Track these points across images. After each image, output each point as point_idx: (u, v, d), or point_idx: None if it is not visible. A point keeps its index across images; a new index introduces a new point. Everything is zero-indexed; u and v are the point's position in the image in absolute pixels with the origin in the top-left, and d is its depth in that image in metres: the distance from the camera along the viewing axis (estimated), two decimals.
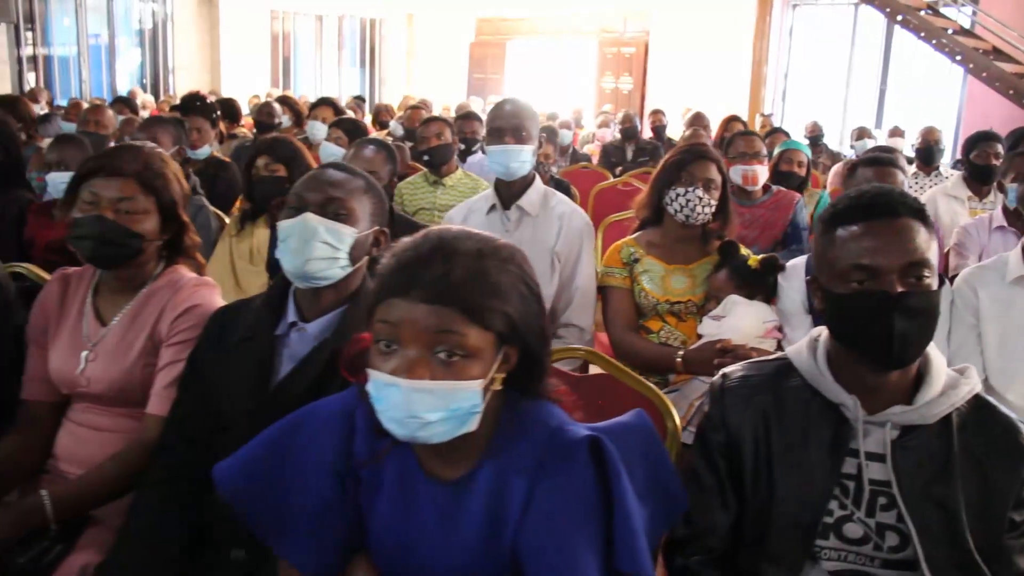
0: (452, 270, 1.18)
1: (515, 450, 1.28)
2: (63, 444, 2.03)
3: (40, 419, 2.05)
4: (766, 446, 1.51)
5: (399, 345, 1.19)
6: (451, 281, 1.17)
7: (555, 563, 1.21)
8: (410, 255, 1.21)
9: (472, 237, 1.25)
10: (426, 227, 1.34)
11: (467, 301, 1.17)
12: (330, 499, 1.34)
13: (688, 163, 2.84)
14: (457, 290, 1.17)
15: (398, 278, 1.20)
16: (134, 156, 1.99)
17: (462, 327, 1.17)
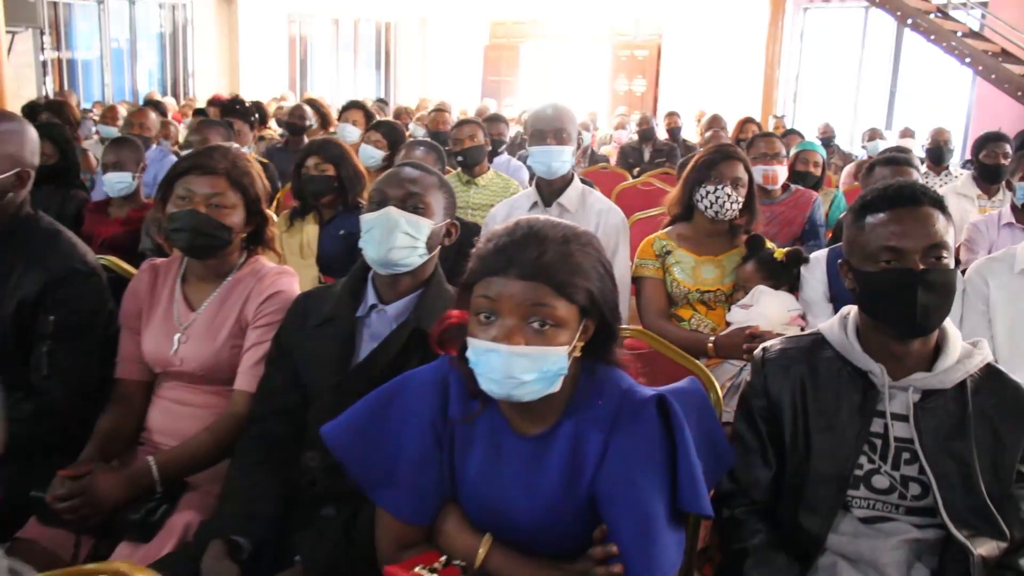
0: (544, 252, 1.39)
1: (591, 409, 1.48)
2: (155, 419, 2.23)
3: (132, 396, 2.25)
4: (803, 409, 1.71)
5: (497, 316, 1.39)
6: (543, 262, 1.38)
7: (630, 504, 1.41)
8: (506, 240, 1.42)
9: (558, 226, 1.45)
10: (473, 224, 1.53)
11: (557, 278, 1.38)
12: (427, 454, 1.54)
13: (717, 163, 3.04)
14: (548, 269, 1.38)
15: (497, 259, 1.40)
16: (223, 156, 2.19)
17: (552, 300, 1.38)
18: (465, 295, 1.47)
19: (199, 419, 2.15)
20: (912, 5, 9.10)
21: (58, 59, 13.40)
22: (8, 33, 10.76)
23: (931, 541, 1.64)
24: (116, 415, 2.21)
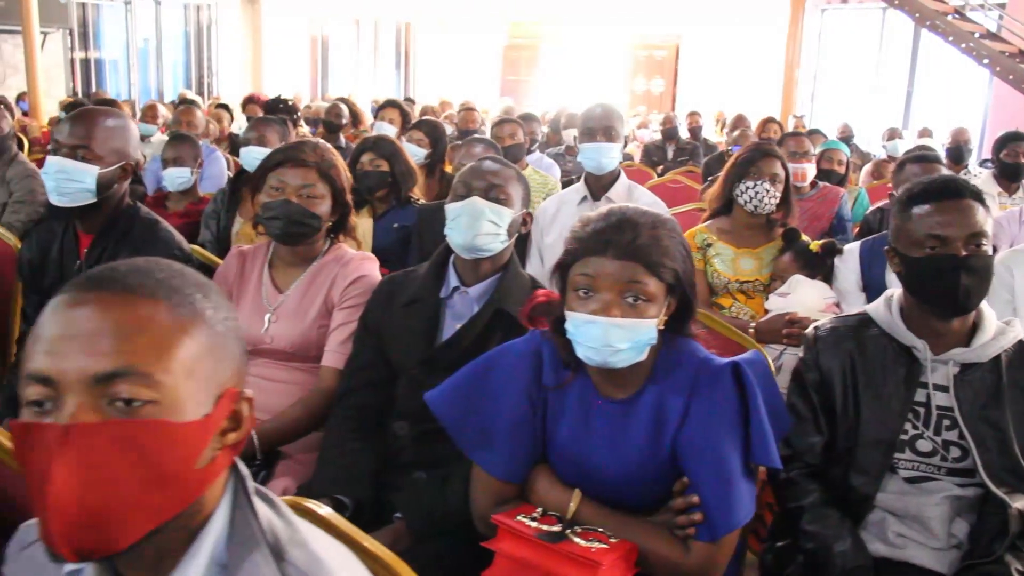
0: (638, 236, 1.58)
1: (672, 375, 1.67)
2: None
3: None
4: (852, 381, 1.90)
5: (595, 292, 1.58)
6: (637, 244, 1.57)
7: (710, 459, 1.59)
8: (603, 225, 1.61)
9: (647, 213, 1.64)
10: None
11: (649, 259, 1.57)
12: (522, 419, 1.73)
13: (757, 160, 3.22)
14: (642, 250, 1.57)
15: (595, 242, 1.59)
16: (312, 149, 2.38)
17: (644, 278, 1.57)
18: (562, 274, 1.66)
19: (287, 394, 2.33)
20: (930, 7, 9.26)
21: (86, 59, 13.66)
22: (40, 34, 11.02)
23: (971, 498, 1.82)
24: None
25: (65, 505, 0.82)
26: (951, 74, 12.40)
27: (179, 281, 0.93)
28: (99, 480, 0.83)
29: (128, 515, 0.85)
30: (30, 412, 0.87)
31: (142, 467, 0.85)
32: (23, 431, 0.85)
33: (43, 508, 0.83)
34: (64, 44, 13.06)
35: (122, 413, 0.85)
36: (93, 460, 0.83)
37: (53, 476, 0.81)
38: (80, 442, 0.83)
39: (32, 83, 10.73)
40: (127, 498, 0.85)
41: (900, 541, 1.82)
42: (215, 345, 0.93)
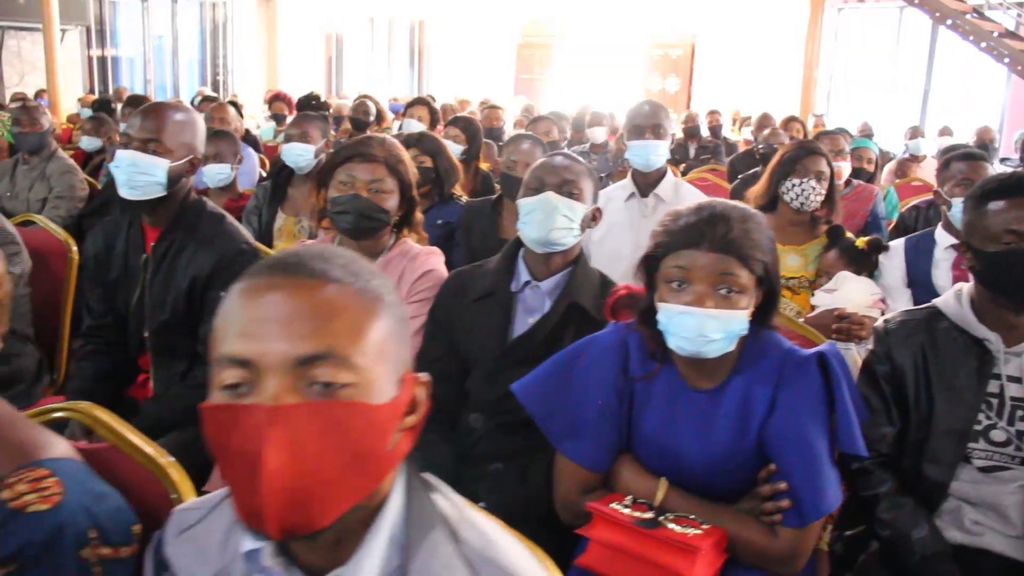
0: (731, 230, 1.61)
1: (758, 366, 1.71)
2: None
3: None
4: (924, 373, 1.93)
5: (689, 284, 1.62)
6: (731, 237, 1.61)
7: (799, 447, 1.63)
8: (695, 219, 1.64)
9: (737, 207, 1.68)
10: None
11: (741, 251, 1.61)
12: (609, 408, 1.76)
13: (802, 157, 3.26)
14: (734, 243, 1.60)
15: (689, 234, 1.63)
16: (380, 144, 2.42)
17: (737, 270, 1.61)
18: (650, 266, 1.70)
19: None
20: (951, 6, 9.28)
21: (102, 56, 13.72)
22: (59, 31, 11.08)
23: None
24: None
25: (277, 484, 0.85)
26: (968, 73, 12.42)
27: (356, 266, 0.96)
28: (306, 459, 0.86)
29: (331, 494, 0.88)
30: (225, 395, 0.89)
31: (343, 447, 0.88)
32: (224, 412, 0.88)
33: (252, 487, 0.85)
34: (81, 41, 13.12)
35: (321, 395, 0.88)
36: (300, 440, 0.86)
37: (265, 455, 0.84)
38: (288, 422, 0.86)
39: (52, 80, 10.79)
40: (330, 477, 0.88)
41: (977, 528, 1.86)
42: (396, 328, 0.97)
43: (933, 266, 3.15)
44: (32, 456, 1.11)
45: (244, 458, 0.86)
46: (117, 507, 1.15)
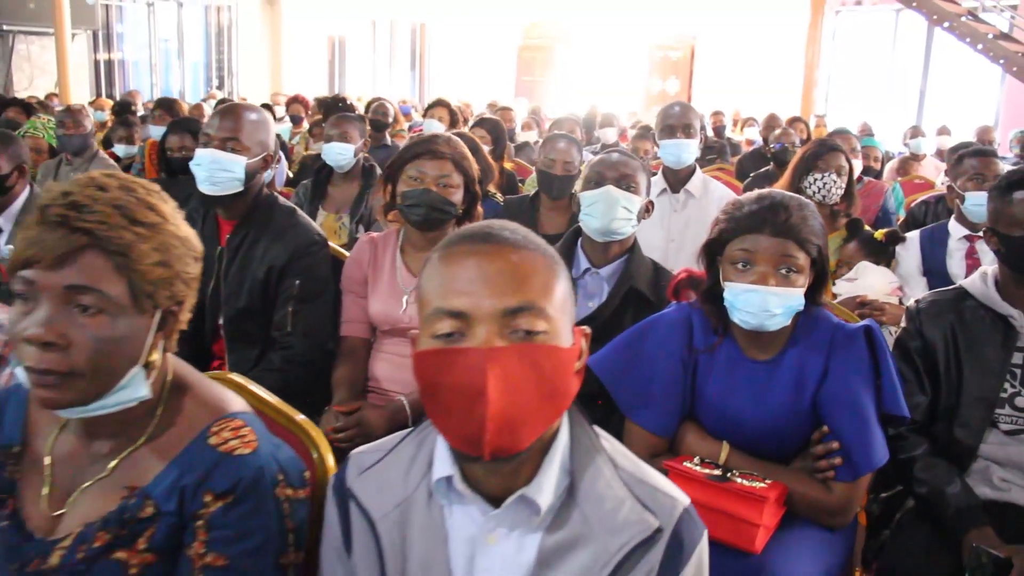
0: (791, 216, 1.81)
1: (811, 338, 1.91)
2: (382, 370, 2.60)
3: (358, 351, 2.63)
4: (954, 347, 2.14)
5: (753, 265, 1.82)
6: (791, 223, 1.81)
7: (850, 409, 1.84)
8: (757, 207, 1.84)
9: (794, 197, 1.87)
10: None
11: (800, 235, 1.81)
12: (675, 378, 1.96)
13: (823, 154, 3.48)
14: (793, 228, 1.81)
15: (752, 221, 1.83)
16: (446, 142, 2.61)
17: (796, 252, 1.81)
18: (714, 250, 1.91)
19: None
20: (947, 9, 9.52)
21: (109, 59, 13.88)
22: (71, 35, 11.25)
23: None
24: (348, 367, 2.57)
25: (494, 411, 1.04)
26: (963, 74, 12.69)
27: (534, 237, 1.16)
28: (514, 391, 1.06)
29: (531, 420, 1.09)
30: (439, 342, 1.09)
31: (540, 382, 1.08)
32: (443, 355, 1.08)
33: (472, 415, 1.05)
34: (88, 45, 13.28)
35: (523, 340, 1.08)
36: (510, 375, 1.06)
37: (486, 387, 1.04)
38: (502, 361, 1.05)
39: (63, 84, 10.95)
40: (531, 407, 1.08)
41: (1004, 485, 2.07)
42: (569, 288, 1.17)
43: (947, 256, 3.37)
44: (226, 410, 1.30)
45: (464, 392, 1.05)
46: (291, 455, 1.34)
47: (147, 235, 1.19)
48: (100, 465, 1.25)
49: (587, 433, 1.20)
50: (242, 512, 1.21)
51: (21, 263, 1.14)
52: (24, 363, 1.14)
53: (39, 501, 1.26)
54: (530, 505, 1.14)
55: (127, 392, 1.20)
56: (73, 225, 1.14)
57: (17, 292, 1.16)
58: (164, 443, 1.25)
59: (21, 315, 1.15)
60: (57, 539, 1.22)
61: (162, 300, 1.22)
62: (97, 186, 1.19)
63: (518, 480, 1.15)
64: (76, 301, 1.15)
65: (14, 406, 1.34)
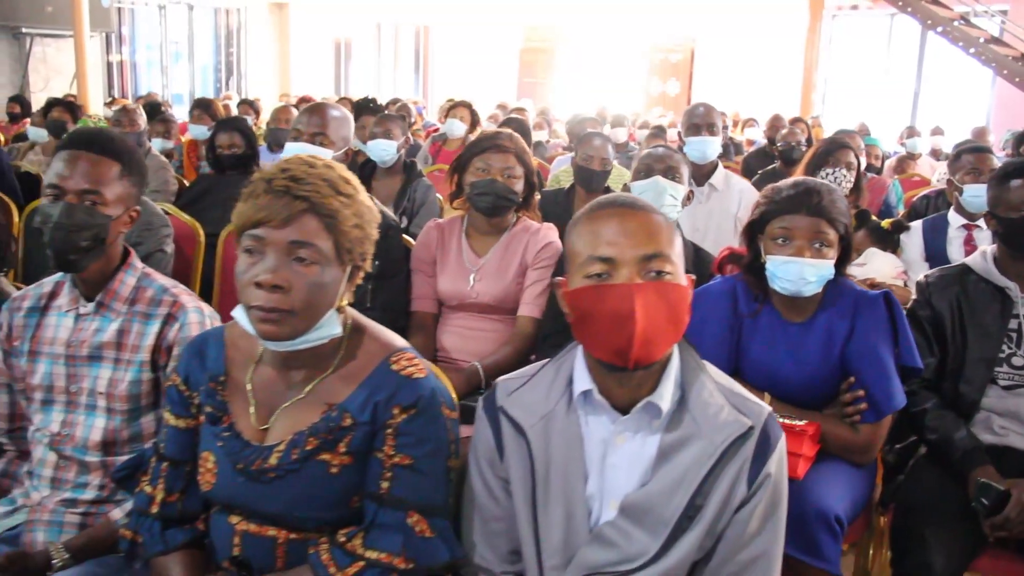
0: (822, 199, 2.15)
1: (838, 304, 2.25)
2: (451, 341, 2.91)
3: (427, 325, 2.95)
4: (959, 314, 2.48)
5: (791, 240, 2.16)
6: (822, 204, 2.15)
7: (874, 361, 2.18)
8: (793, 192, 2.17)
9: (823, 183, 2.21)
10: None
11: (830, 215, 2.15)
12: (722, 341, 2.30)
13: (835, 151, 3.83)
14: (825, 209, 2.15)
15: (790, 203, 2.16)
16: (509, 138, 2.94)
17: (827, 229, 2.15)
18: (755, 229, 2.25)
19: (488, 340, 2.87)
20: (941, 14, 9.91)
21: (121, 61, 14.17)
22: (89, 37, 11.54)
23: None
24: (419, 338, 2.88)
25: (639, 329, 1.39)
26: (955, 77, 13.11)
27: (652, 203, 1.51)
28: (651, 316, 1.40)
29: (662, 339, 1.43)
30: (590, 281, 1.44)
31: (669, 310, 1.43)
32: (597, 290, 1.42)
33: (622, 334, 1.39)
34: (101, 47, 13.55)
35: (655, 279, 1.43)
36: (649, 304, 1.40)
37: (636, 313, 1.38)
38: (643, 293, 1.40)
39: (82, 85, 11.26)
40: (662, 329, 1.42)
41: (1002, 432, 2.41)
42: (682, 242, 1.51)
43: (947, 243, 3.73)
44: (397, 345, 1.63)
45: (616, 316, 1.40)
46: (443, 385, 1.68)
47: (348, 203, 1.52)
48: (296, 390, 1.59)
49: (692, 356, 1.55)
50: (422, 422, 1.54)
51: (251, 224, 1.47)
52: (252, 303, 1.47)
53: (248, 418, 1.60)
54: (653, 410, 1.48)
55: (325, 330, 1.53)
56: (294, 193, 1.46)
57: (245, 247, 1.49)
58: (350, 371, 1.59)
59: (249, 265, 1.47)
60: (272, 445, 1.56)
61: (355, 256, 1.55)
62: (307, 164, 1.52)
63: (641, 392, 1.49)
64: (296, 254, 1.47)
65: (213, 346, 1.67)
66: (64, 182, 1.91)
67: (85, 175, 1.92)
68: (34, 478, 2.01)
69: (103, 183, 1.93)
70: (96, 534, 1.89)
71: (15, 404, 2.10)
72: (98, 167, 1.93)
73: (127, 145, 2.03)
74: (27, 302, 2.05)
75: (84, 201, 1.92)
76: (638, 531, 1.46)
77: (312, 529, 1.56)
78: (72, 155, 1.93)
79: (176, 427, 1.66)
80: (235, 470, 1.56)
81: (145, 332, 1.96)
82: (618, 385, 1.49)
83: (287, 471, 1.53)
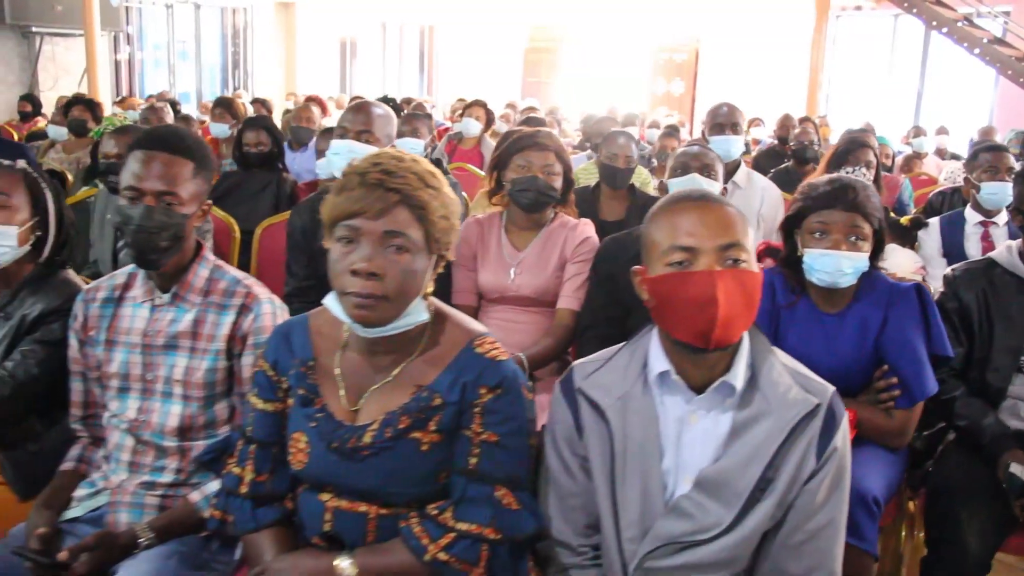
0: (858, 195, 2.26)
1: (871, 295, 2.36)
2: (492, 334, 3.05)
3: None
4: (986, 306, 2.59)
5: (828, 234, 2.26)
6: (858, 200, 2.25)
7: (907, 349, 2.29)
8: (829, 188, 2.28)
9: (858, 180, 2.32)
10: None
11: (865, 210, 2.26)
12: (763, 330, 2.40)
13: (854, 150, 3.93)
14: (861, 204, 2.25)
15: (827, 199, 2.27)
16: (548, 136, 3.04)
17: (862, 224, 2.25)
18: (793, 224, 2.35)
19: (528, 332, 2.96)
20: (943, 14, 10.04)
21: (129, 60, 14.25)
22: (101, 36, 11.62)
23: None
24: None
25: (721, 312, 1.50)
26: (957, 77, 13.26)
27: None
28: (731, 299, 1.51)
29: (739, 322, 1.55)
30: (672, 268, 1.55)
31: (745, 295, 1.54)
32: (680, 276, 1.54)
33: (704, 316, 1.50)
34: (109, 46, 13.63)
35: (732, 266, 1.54)
36: (728, 288, 1.51)
37: (718, 297, 1.49)
38: (724, 278, 1.52)
39: (93, 84, 11.34)
40: (740, 312, 1.54)
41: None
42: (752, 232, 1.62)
43: (964, 239, 3.85)
44: (477, 331, 1.73)
45: (698, 300, 1.51)
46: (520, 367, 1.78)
47: (435, 195, 1.62)
48: (384, 373, 1.69)
49: (761, 338, 1.65)
50: (507, 401, 1.64)
51: (346, 215, 1.57)
52: (347, 290, 1.57)
53: (339, 400, 1.70)
54: (726, 389, 1.59)
55: (413, 316, 1.64)
56: (387, 186, 1.57)
57: (340, 237, 1.59)
58: (436, 354, 1.69)
59: (344, 254, 1.58)
60: (365, 424, 1.66)
61: (442, 246, 1.65)
62: (396, 158, 1.62)
63: (715, 372, 1.59)
64: (389, 243, 1.57)
65: (299, 333, 1.78)
66: (141, 183, 1.99)
67: (161, 177, 1.99)
68: (112, 462, 2.11)
69: (178, 183, 2.02)
70: (177, 514, 1.99)
71: (89, 392, 2.19)
72: (172, 168, 2.01)
73: (198, 142, 2.12)
74: (101, 293, 2.14)
75: (161, 202, 2.00)
76: (713, 503, 1.56)
77: (402, 504, 1.66)
78: (147, 156, 2.00)
79: (264, 411, 1.76)
80: (329, 449, 1.66)
81: (220, 322, 2.06)
82: (694, 366, 1.60)
83: (380, 449, 1.64)
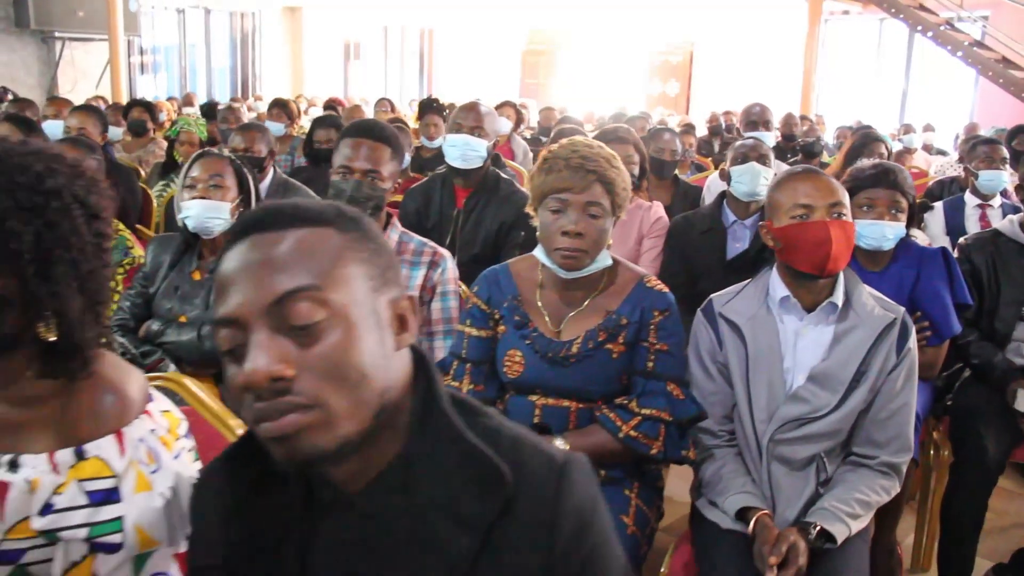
0: (897, 176, 2.85)
1: (905, 257, 2.94)
2: None
3: None
4: (993, 267, 3.19)
5: (873, 207, 2.85)
6: (897, 180, 2.84)
7: (936, 298, 2.87)
8: (873, 171, 2.86)
9: (895, 165, 2.92)
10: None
11: (903, 188, 2.85)
12: None
13: (869, 143, 4.55)
14: (900, 184, 2.84)
15: (872, 179, 2.86)
16: (628, 131, 3.63)
17: (901, 199, 2.84)
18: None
19: None
20: (927, 19, 10.73)
21: (142, 63, 14.71)
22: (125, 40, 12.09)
23: None
24: None
25: (835, 250, 2.09)
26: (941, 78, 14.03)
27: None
28: (840, 241, 2.09)
29: (843, 257, 2.12)
30: (795, 220, 2.13)
31: (846, 239, 2.13)
32: (802, 225, 2.11)
33: (821, 253, 2.07)
34: (124, 50, 14.08)
35: (838, 219, 2.12)
36: (838, 234, 2.09)
37: (832, 237, 2.06)
38: (835, 227, 2.07)
39: (116, 88, 11.80)
40: (844, 250, 2.11)
41: None
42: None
43: (965, 219, 4.47)
44: (644, 271, 2.30)
45: (817, 241, 2.07)
46: None
47: (619, 173, 2.18)
48: (577, 304, 2.24)
49: (850, 272, 2.24)
50: (672, 320, 2.22)
51: (556, 190, 2.13)
52: (557, 246, 2.13)
53: (545, 324, 2.26)
54: (830, 308, 2.17)
55: (601, 262, 2.20)
56: (587, 168, 2.14)
57: (551, 208, 2.15)
58: (617, 288, 2.25)
59: (554, 219, 2.13)
60: (570, 339, 2.22)
61: (621, 211, 2.23)
62: (587, 145, 2.19)
63: (821, 296, 2.18)
64: (589, 211, 2.13)
65: (504, 276, 2.34)
66: (351, 163, 2.60)
67: (367, 158, 2.60)
68: None
69: (380, 164, 2.61)
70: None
71: None
72: (376, 151, 2.62)
73: (393, 132, 2.71)
74: None
75: (367, 178, 2.60)
76: (822, 391, 2.15)
77: (595, 399, 2.23)
78: (356, 142, 2.62)
79: (479, 336, 2.32)
80: (543, 359, 2.23)
81: (412, 275, 2.64)
82: (807, 292, 2.19)
83: (583, 357, 2.20)
